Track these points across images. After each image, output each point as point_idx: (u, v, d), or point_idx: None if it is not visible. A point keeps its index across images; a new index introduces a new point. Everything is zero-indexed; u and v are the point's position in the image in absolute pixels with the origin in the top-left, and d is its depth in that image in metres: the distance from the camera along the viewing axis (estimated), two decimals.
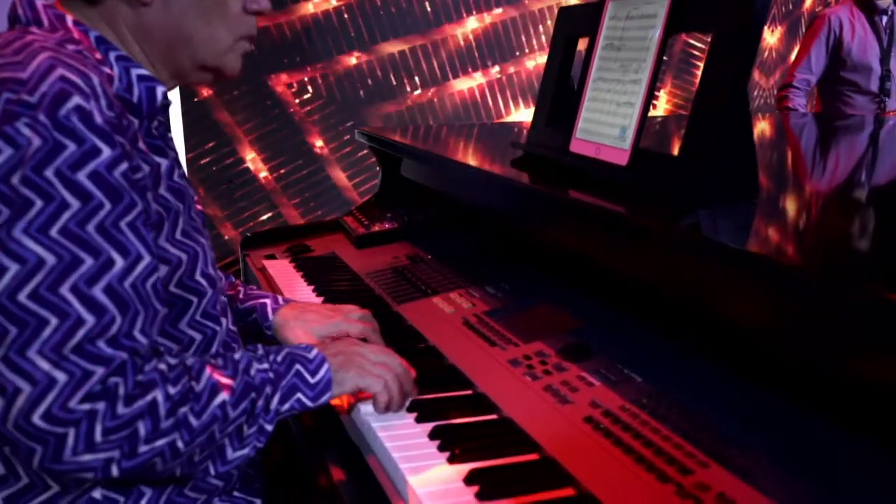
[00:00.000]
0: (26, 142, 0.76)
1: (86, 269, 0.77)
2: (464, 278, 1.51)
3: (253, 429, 0.91)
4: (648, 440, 0.89)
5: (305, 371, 0.96)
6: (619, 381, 1.03)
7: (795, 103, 3.22)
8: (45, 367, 0.74)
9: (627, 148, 1.12)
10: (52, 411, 0.74)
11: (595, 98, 1.24)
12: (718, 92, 1.00)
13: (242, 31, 1.00)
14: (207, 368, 0.87)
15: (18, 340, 0.74)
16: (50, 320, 0.75)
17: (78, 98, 0.79)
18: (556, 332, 1.20)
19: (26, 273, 0.75)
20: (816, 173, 1.57)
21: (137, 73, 0.93)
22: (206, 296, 0.99)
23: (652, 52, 1.11)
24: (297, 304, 1.29)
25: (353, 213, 2.00)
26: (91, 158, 0.78)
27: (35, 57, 0.80)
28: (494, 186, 1.44)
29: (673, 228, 0.99)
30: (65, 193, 0.77)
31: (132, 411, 0.78)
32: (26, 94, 0.77)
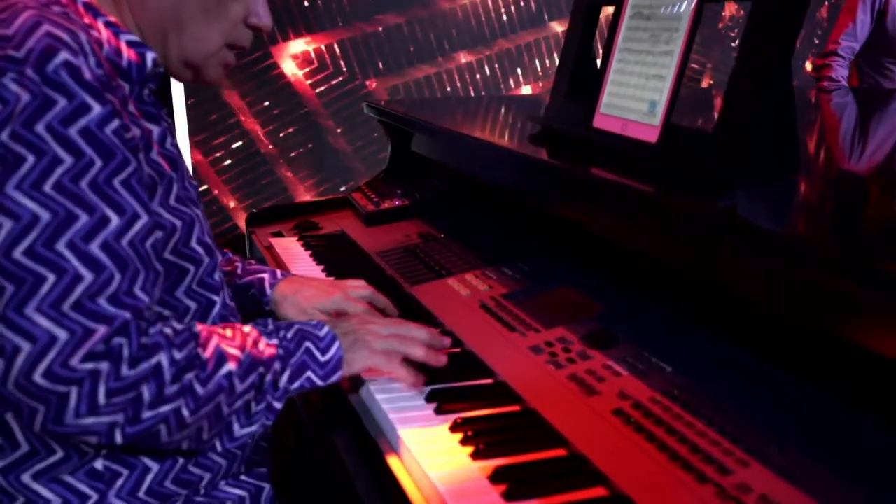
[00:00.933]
0: (14, 97, 0.74)
1: (81, 225, 0.75)
2: (479, 258, 1.45)
3: (261, 405, 0.90)
4: (683, 436, 0.84)
5: (316, 349, 0.94)
6: (648, 371, 0.98)
7: (838, 73, 3.06)
8: (45, 324, 0.72)
9: (657, 124, 1.06)
10: (54, 369, 0.72)
11: (621, 70, 1.17)
12: (758, 65, 0.93)
13: (233, 40, 0.98)
14: (215, 337, 0.86)
15: (15, 298, 0.72)
16: (47, 277, 0.73)
17: (66, 53, 0.76)
18: (579, 316, 1.15)
19: (21, 229, 0.73)
20: (860, 151, 1.50)
21: (127, 38, 0.90)
22: (202, 264, 0.97)
23: (685, 22, 1.04)
24: (296, 278, 1.26)
25: (361, 190, 1.94)
26: (82, 114, 0.76)
27: (19, 14, 0.78)
28: (512, 163, 1.38)
29: (707, 210, 0.93)
30: (57, 149, 0.75)
31: (136, 374, 0.76)
32: (12, 49, 0.75)
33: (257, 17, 0.98)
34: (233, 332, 0.89)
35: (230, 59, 1.00)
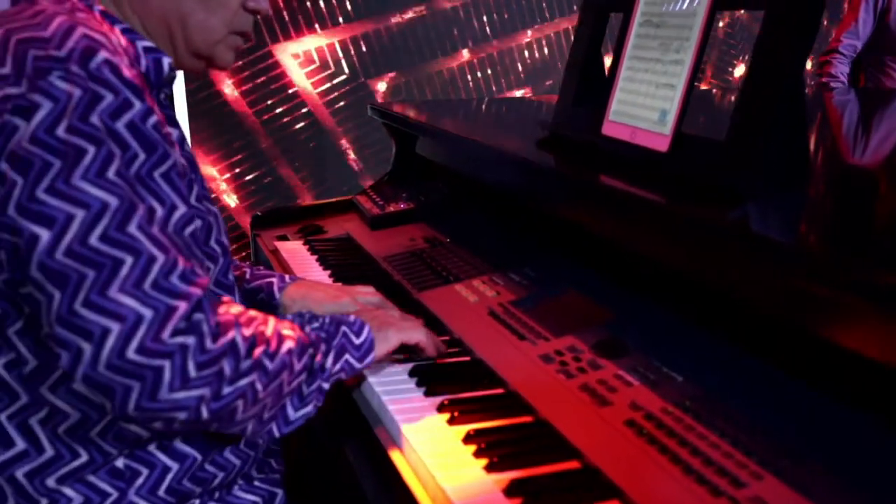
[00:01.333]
0: (65, 95, 0.76)
1: (142, 211, 0.79)
2: (486, 263, 1.45)
3: (313, 387, 0.95)
4: (695, 448, 0.84)
5: (350, 332, 1.01)
6: (659, 381, 0.98)
7: (838, 70, 3.05)
8: (130, 303, 0.74)
9: (668, 133, 1.06)
10: (146, 344, 0.74)
11: (631, 78, 1.17)
12: (771, 74, 0.93)
13: (236, 27, 1.00)
14: (271, 318, 0.91)
15: (98, 282, 0.74)
16: (125, 259, 0.75)
17: (105, 52, 0.79)
18: (588, 324, 1.15)
19: (93, 217, 0.75)
20: (870, 156, 1.50)
21: (143, 44, 0.93)
22: (219, 262, 1.00)
23: (696, 31, 1.04)
24: (304, 282, 1.28)
25: (366, 193, 1.94)
26: (126, 109, 0.79)
27: (53, 19, 0.81)
28: (520, 169, 1.38)
29: (720, 221, 0.93)
30: (108, 140, 0.78)
31: (218, 347, 0.80)
32: (53, 49, 0.78)
33: (255, 1, 0.99)
34: (279, 318, 0.94)
35: (238, 42, 1.02)
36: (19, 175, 0.76)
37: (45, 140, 0.75)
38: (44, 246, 0.74)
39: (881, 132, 1.84)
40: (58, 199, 0.75)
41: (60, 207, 0.75)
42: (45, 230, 0.75)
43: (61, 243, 0.74)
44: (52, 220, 0.75)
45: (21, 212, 0.75)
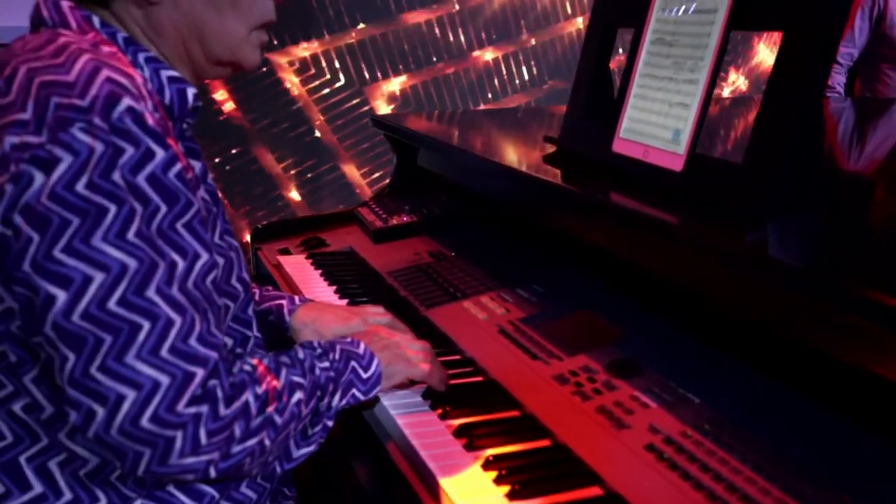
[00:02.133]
0: (86, 149, 0.74)
1: (162, 270, 0.77)
2: (493, 279, 1.44)
3: (318, 427, 0.96)
4: (717, 473, 0.84)
5: (359, 367, 1.00)
6: (676, 403, 0.98)
7: (835, 80, 3.07)
8: (147, 370, 0.74)
9: (682, 153, 1.06)
10: (160, 414, 0.74)
11: (642, 96, 1.17)
12: (790, 98, 0.93)
13: (256, 20, 0.94)
14: (283, 368, 0.91)
15: (115, 348, 0.73)
16: (143, 324, 0.74)
17: (128, 99, 0.77)
18: (600, 343, 1.14)
19: (112, 280, 0.74)
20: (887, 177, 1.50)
21: (167, 74, 0.90)
22: (239, 299, 0.98)
23: (711, 51, 1.04)
24: (314, 304, 1.26)
25: (367, 205, 1.93)
26: (148, 161, 0.77)
27: (77, 59, 0.78)
28: (528, 185, 1.37)
29: (737, 245, 0.93)
30: (129, 197, 0.76)
31: (231, 412, 0.80)
32: (77, 98, 0.75)
33: None
34: (291, 360, 0.94)
35: (263, 38, 0.97)
36: (36, 232, 0.73)
37: (65, 197, 0.73)
38: (60, 307, 0.73)
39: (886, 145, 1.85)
40: (76, 259, 0.73)
41: (78, 268, 0.73)
42: (61, 291, 0.73)
43: (78, 306, 0.73)
44: (70, 281, 0.73)
45: (37, 269, 0.73)
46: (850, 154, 1.80)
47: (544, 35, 3.75)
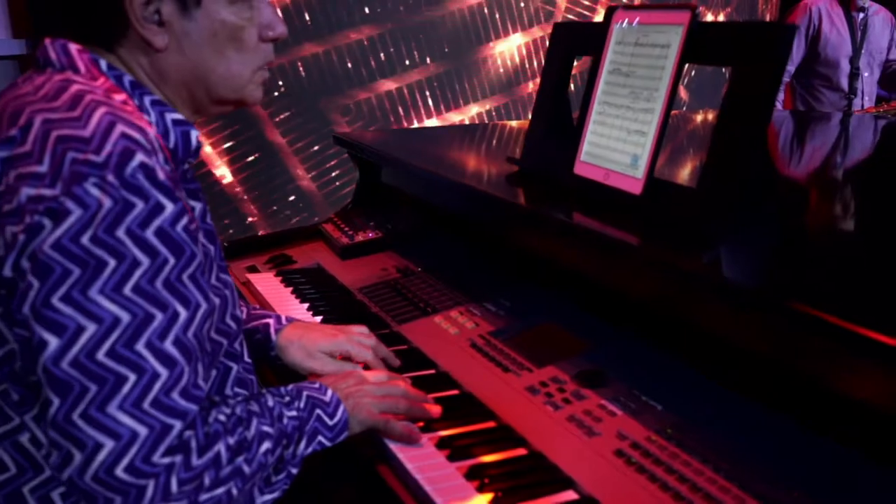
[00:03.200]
0: (96, 203, 0.77)
1: (157, 324, 0.79)
2: (461, 294, 1.50)
3: (282, 474, 0.96)
4: (682, 475, 0.92)
5: (325, 415, 1.01)
6: (640, 410, 1.05)
7: None
8: (128, 421, 0.76)
9: (641, 177, 1.14)
10: (136, 464, 0.77)
11: (601, 122, 1.24)
12: (738, 128, 1.02)
13: (259, 62, 0.99)
14: (254, 418, 0.92)
15: (98, 397, 0.76)
16: (128, 377, 0.77)
17: (141, 155, 0.80)
18: (567, 354, 1.21)
19: (103, 332, 0.77)
20: (826, 193, 1.61)
21: (172, 117, 0.93)
22: (231, 335, 1.01)
23: (666, 82, 1.12)
24: (300, 323, 1.29)
25: (332, 221, 1.97)
26: (156, 215, 0.80)
27: (93, 112, 0.81)
28: (492, 205, 1.44)
29: (693, 265, 1.01)
30: (135, 251, 0.79)
31: (202, 462, 0.82)
32: (92, 153, 0.78)
33: (272, 29, 0.99)
34: (260, 408, 0.94)
35: (265, 75, 1.01)
36: (37, 279, 0.76)
37: (68, 248, 0.76)
38: (50, 353, 0.76)
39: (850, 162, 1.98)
40: (72, 308, 0.76)
41: (73, 317, 0.76)
42: (54, 337, 0.76)
43: (68, 353, 0.76)
44: (63, 329, 0.76)
45: (35, 314, 0.76)
46: (791, 163, 1.92)
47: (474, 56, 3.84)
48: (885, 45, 3.33)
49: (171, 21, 0.92)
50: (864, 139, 2.33)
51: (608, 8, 1.27)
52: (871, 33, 3.26)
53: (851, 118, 2.76)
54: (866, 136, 2.41)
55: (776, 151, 2.12)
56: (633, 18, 1.21)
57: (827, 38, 3.20)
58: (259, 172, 3.36)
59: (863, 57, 3.24)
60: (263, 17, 0.98)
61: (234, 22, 0.95)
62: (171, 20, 0.92)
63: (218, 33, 0.94)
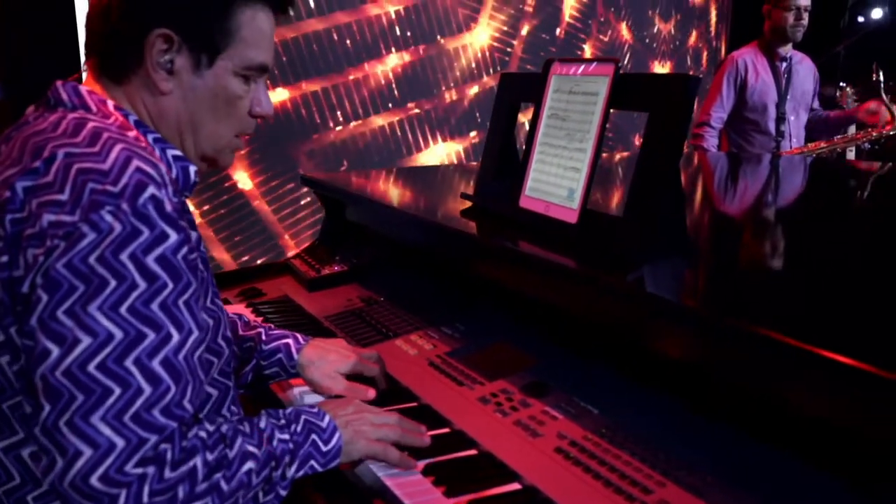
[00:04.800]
0: (108, 227, 0.85)
1: (148, 343, 0.85)
2: (420, 319, 1.63)
3: (270, 496, 1.00)
4: (612, 466, 1.05)
5: (320, 440, 1.04)
6: (579, 414, 1.19)
7: (709, 143, 3.49)
8: (107, 432, 0.82)
9: (576, 208, 1.29)
10: (110, 474, 0.82)
11: (542, 161, 1.40)
12: (655, 165, 1.17)
13: (240, 129, 1.11)
14: (239, 437, 0.95)
15: (84, 407, 0.82)
16: (114, 390, 0.83)
17: (153, 188, 0.88)
18: (516, 369, 1.34)
19: (97, 346, 0.83)
20: (739, 219, 1.79)
21: (172, 153, 1.03)
22: (223, 355, 1.08)
23: (595, 125, 1.28)
24: (317, 343, 1.39)
25: (300, 256, 2.09)
26: (160, 243, 0.88)
27: (112, 148, 0.90)
28: (447, 237, 1.58)
29: (621, 283, 1.16)
30: (136, 275, 0.86)
31: (176, 475, 0.86)
32: (110, 184, 0.87)
33: (261, 106, 1.10)
34: (250, 429, 0.98)
35: (240, 144, 1.13)
36: (46, 293, 0.84)
37: (77, 266, 0.84)
38: (50, 361, 0.83)
39: (758, 195, 2.16)
40: (72, 321, 0.83)
41: (72, 329, 0.83)
42: (55, 347, 0.83)
43: (63, 362, 0.82)
44: (63, 340, 0.83)
45: (41, 325, 0.83)
46: (725, 198, 2.11)
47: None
48: (809, 89, 3.60)
49: (181, 72, 1.02)
50: (785, 175, 2.54)
51: (546, 60, 1.43)
52: (794, 80, 3.52)
53: (780, 158, 2.99)
54: (789, 173, 2.62)
55: (709, 186, 2.31)
56: (567, 70, 1.38)
57: (754, 86, 3.46)
58: (227, 214, 3.47)
59: (788, 102, 3.50)
60: (258, 95, 1.10)
61: (234, 91, 1.06)
62: (181, 71, 1.02)
63: (218, 95, 1.05)
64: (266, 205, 3.55)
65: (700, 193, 2.16)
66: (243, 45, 1.04)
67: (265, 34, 1.07)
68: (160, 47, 1.00)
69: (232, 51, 1.04)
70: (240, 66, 1.05)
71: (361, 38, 3.69)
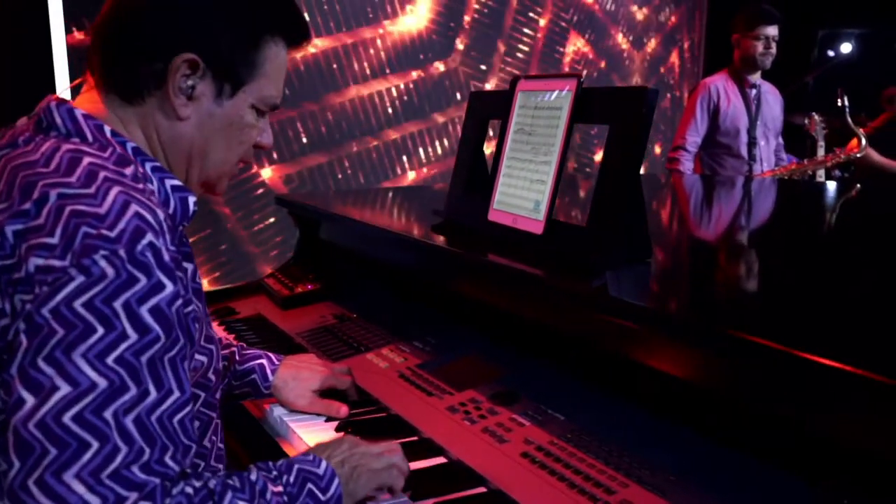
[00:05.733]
0: (100, 272, 0.79)
1: (128, 397, 0.79)
2: (391, 334, 1.64)
3: None
4: (577, 468, 1.06)
5: (317, 490, 0.95)
6: (546, 421, 1.20)
7: (685, 167, 3.58)
8: (81, 490, 0.75)
9: (542, 219, 1.31)
10: None
11: (509, 174, 1.43)
12: (616, 175, 1.21)
13: (244, 157, 1.09)
14: (229, 492, 0.87)
15: (56, 462, 0.75)
16: (91, 444, 0.76)
17: (151, 235, 0.83)
18: (485, 380, 1.36)
19: (76, 395, 0.76)
20: (700, 232, 1.83)
21: (171, 183, 0.99)
22: (210, 389, 1.07)
23: (559, 139, 1.31)
24: (291, 362, 1.38)
25: (274, 276, 2.10)
26: (156, 293, 0.82)
27: (109, 191, 0.84)
28: (419, 251, 1.60)
29: (585, 289, 1.18)
30: (127, 325, 0.80)
31: None
32: (106, 229, 0.81)
33: (266, 139, 1.09)
34: (241, 483, 0.89)
35: (236, 171, 1.11)
36: (27, 339, 0.78)
37: (62, 312, 0.77)
38: (23, 412, 0.75)
39: (719, 212, 2.21)
40: (52, 368, 0.76)
41: (52, 377, 0.76)
42: (31, 396, 0.76)
43: (37, 413, 0.75)
44: (41, 389, 0.76)
45: (20, 373, 0.77)
46: (691, 213, 2.15)
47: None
48: (779, 115, 3.70)
49: (201, 99, 0.99)
50: (754, 195, 2.59)
51: (513, 78, 1.47)
52: (764, 106, 3.62)
53: (752, 181, 3.06)
54: (758, 193, 2.68)
55: (679, 203, 2.35)
56: (533, 86, 1.41)
57: (726, 111, 3.55)
58: (204, 238, 3.47)
59: (759, 127, 3.59)
60: (264, 128, 1.08)
61: (248, 122, 1.04)
62: (201, 98, 0.99)
63: (233, 124, 1.02)
64: (242, 229, 3.55)
65: (668, 209, 2.21)
66: (265, 79, 1.03)
67: (282, 70, 1.06)
68: (184, 72, 0.97)
69: (254, 84, 1.02)
70: (258, 100, 1.03)
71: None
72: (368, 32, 3.86)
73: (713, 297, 1.16)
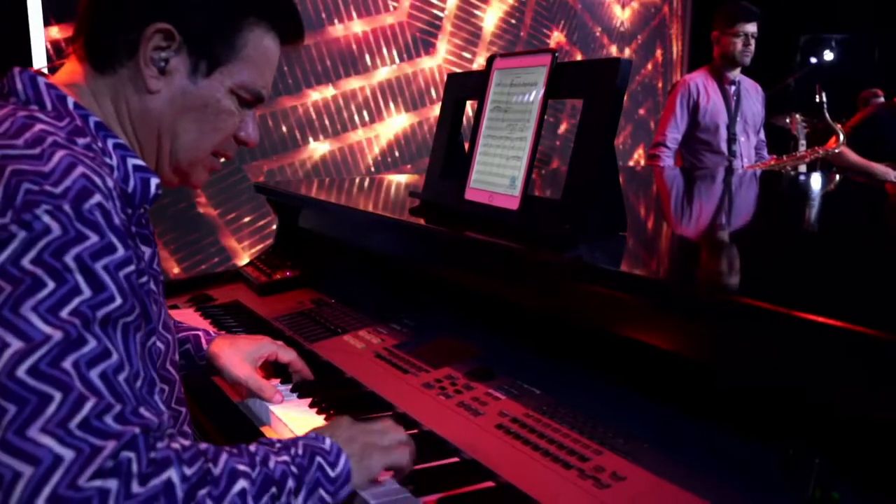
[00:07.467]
0: (42, 227, 0.74)
1: (88, 350, 0.73)
2: (369, 317, 1.63)
3: None
4: (551, 438, 1.05)
5: (326, 464, 0.90)
6: (521, 395, 1.19)
7: (665, 163, 3.60)
8: (49, 443, 0.68)
9: (517, 195, 1.31)
10: (59, 492, 0.67)
11: (486, 153, 1.42)
12: (590, 148, 1.20)
13: (220, 149, 1.05)
14: (224, 453, 0.82)
15: (17, 420, 0.68)
16: (53, 396, 0.69)
17: (99, 196, 0.79)
18: (462, 358, 1.35)
19: (28, 349, 0.70)
20: (676, 210, 1.84)
21: (133, 162, 0.95)
22: (175, 384, 1.05)
23: (534, 114, 1.31)
24: (228, 335, 1.38)
25: (252, 264, 2.08)
26: (108, 253, 0.78)
27: (54, 153, 0.79)
28: (398, 233, 1.59)
29: (560, 259, 1.18)
30: (80, 279, 0.75)
31: (147, 490, 0.71)
32: (50, 185, 0.76)
33: (247, 133, 1.05)
34: (238, 450, 0.84)
35: (216, 164, 1.06)
36: None
37: (7, 269, 0.72)
38: None
39: (698, 195, 2.22)
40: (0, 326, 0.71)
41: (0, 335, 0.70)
42: None
43: None
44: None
45: None
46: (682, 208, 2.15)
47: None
48: (759, 111, 3.72)
49: (174, 74, 0.95)
50: (729, 184, 2.61)
51: (489, 56, 1.46)
52: (744, 102, 3.65)
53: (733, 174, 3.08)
54: (735, 182, 2.69)
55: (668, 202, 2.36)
56: (508, 63, 1.41)
57: (705, 108, 3.57)
58: (185, 233, 3.45)
59: (738, 123, 3.61)
60: (246, 122, 1.04)
61: (225, 107, 1.00)
62: (174, 73, 0.95)
63: (208, 106, 0.98)
64: (219, 218, 3.53)
65: (646, 193, 2.21)
66: (245, 63, 0.99)
67: (269, 60, 1.02)
68: (157, 42, 0.94)
69: (232, 66, 0.98)
70: (237, 85, 0.99)
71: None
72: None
73: (688, 265, 1.16)
